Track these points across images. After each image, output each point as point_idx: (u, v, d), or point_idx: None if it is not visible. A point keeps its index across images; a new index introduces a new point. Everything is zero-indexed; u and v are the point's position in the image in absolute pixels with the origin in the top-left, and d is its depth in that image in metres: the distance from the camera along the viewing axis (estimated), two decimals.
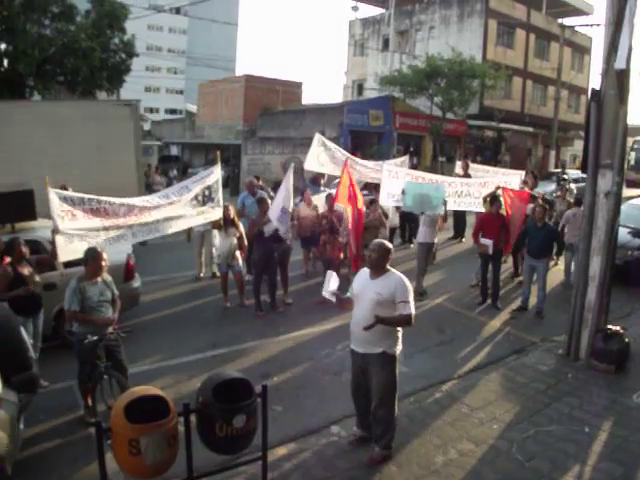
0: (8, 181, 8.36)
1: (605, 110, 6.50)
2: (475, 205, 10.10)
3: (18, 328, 4.75)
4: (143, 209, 7.29)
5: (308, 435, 5.23)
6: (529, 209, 9.76)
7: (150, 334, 7.72)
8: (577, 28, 33.62)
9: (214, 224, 8.73)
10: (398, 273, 4.64)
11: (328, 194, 9.93)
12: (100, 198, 6.93)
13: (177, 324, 8.27)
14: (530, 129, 34.69)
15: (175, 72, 77.61)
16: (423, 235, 9.69)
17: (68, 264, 6.37)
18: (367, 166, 12.31)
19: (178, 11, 36.74)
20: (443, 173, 17.89)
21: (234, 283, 9.05)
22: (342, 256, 9.63)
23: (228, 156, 27.35)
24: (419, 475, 4.58)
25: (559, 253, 9.86)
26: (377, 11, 39.92)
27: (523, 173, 12.77)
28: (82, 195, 6.81)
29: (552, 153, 31.60)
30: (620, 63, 5.99)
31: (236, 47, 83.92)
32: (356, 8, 39.17)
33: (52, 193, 6.33)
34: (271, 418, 4.21)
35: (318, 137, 11.63)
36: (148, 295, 8.91)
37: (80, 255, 5.66)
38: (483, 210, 9.72)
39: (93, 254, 5.46)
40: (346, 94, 40.04)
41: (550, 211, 10.59)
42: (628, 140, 7.88)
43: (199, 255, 10.77)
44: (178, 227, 7.93)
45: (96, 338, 5.16)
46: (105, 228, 6.79)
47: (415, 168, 16.43)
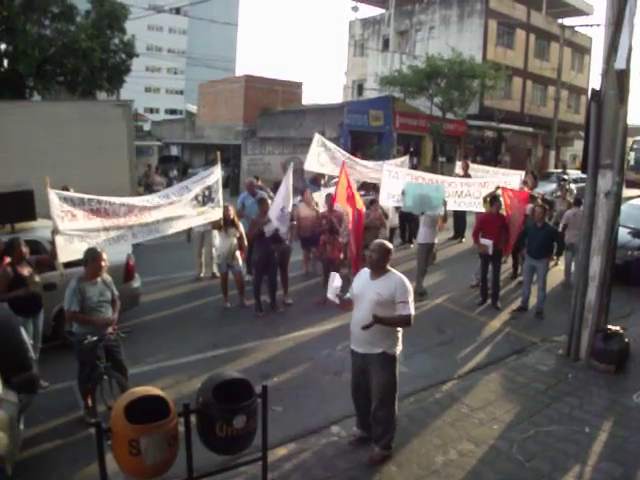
0: (4, 182, 8.35)
1: (605, 110, 6.50)
2: (475, 205, 10.10)
3: (18, 328, 4.74)
4: (143, 209, 7.29)
5: (308, 435, 5.23)
6: (528, 209, 9.76)
7: (150, 334, 7.72)
8: (577, 28, 33.68)
9: (214, 224, 8.74)
10: (398, 273, 4.64)
11: (328, 194, 9.93)
12: (100, 198, 6.92)
13: (177, 324, 8.27)
14: (530, 129, 34.72)
15: (175, 72, 77.63)
16: (423, 235, 9.69)
17: (68, 264, 6.37)
18: (367, 166, 12.33)
19: (178, 11, 36.65)
20: (443, 173, 17.89)
21: (234, 283, 9.06)
22: (342, 256, 9.63)
23: (228, 156, 27.34)
24: (419, 475, 4.58)
25: (559, 253, 9.86)
26: (377, 11, 40.01)
27: (523, 173, 12.77)
28: (82, 195, 6.81)
29: (552, 153, 31.67)
30: (620, 63, 5.99)
31: (236, 47, 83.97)
32: (356, 8, 39.21)
33: (52, 194, 6.32)
34: (271, 418, 4.21)
35: (318, 137, 11.64)
36: (148, 295, 8.90)
37: (80, 256, 5.65)
38: (483, 210, 9.73)
39: (93, 254, 5.46)
40: (346, 94, 40.06)
41: (550, 211, 10.59)
42: (628, 140, 7.88)
43: (199, 255, 10.77)
44: (178, 227, 7.94)
45: (96, 338, 5.16)
46: (105, 228, 6.79)
47: (415, 168, 16.44)
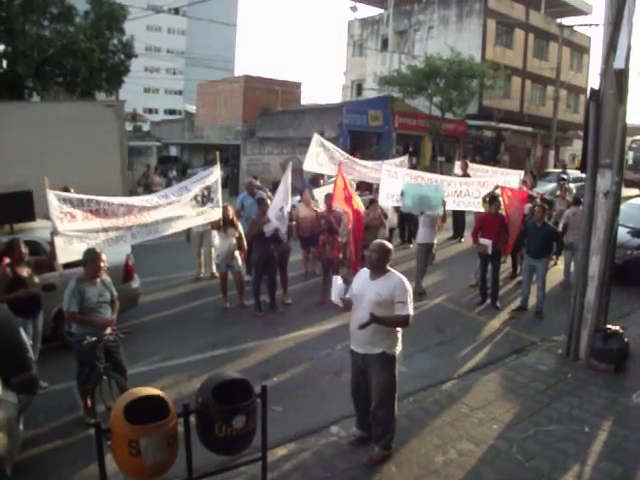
0: (1, 182, 8.33)
1: (604, 110, 6.50)
2: (474, 205, 10.11)
3: (17, 329, 4.74)
4: (142, 209, 7.29)
5: (308, 435, 5.23)
6: (527, 209, 9.76)
7: (149, 335, 7.71)
8: (576, 28, 33.76)
9: (213, 224, 8.74)
10: (398, 274, 4.63)
11: (327, 194, 9.92)
12: (99, 199, 6.92)
13: (176, 325, 8.26)
14: (529, 129, 34.74)
15: (174, 73, 77.64)
16: (423, 236, 9.68)
17: (67, 265, 6.37)
18: (366, 166, 12.33)
19: (177, 12, 36.66)
20: (442, 173, 17.87)
21: (234, 284, 9.05)
22: (341, 256, 9.62)
23: (227, 156, 27.33)
24: (419, 475, 4.58)
25: (558, 253, 9.87)
26: (376, 11, 40.03)
27: (522, 173, 12.78)
28: (81, 196, 6.81)
29: (551, 153, 31.67)
30: (619, 63, 5.99)
31: (235, 47, 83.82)
32: (355, 8, 39.21)
33: (51, 194, 6.32)
34: (271, 418, 4.21)
35: (316, 138, 11.64)
36: (147, 296, 8.90)
37: (79, 256, 5.65)
38: (482, 210, 9.73)
39: (92, 255, 5.46)
40: (345, 94, 40.08)
41: (549, 211, 10.59)
42: (626, 140, 7.88)
43: (198, 255, 10.77)
44: (177, 228, 7.93)
45: (95, 339, 5.16)
46: (104, 229, 6.79)
47: (414, 168, 16.43)
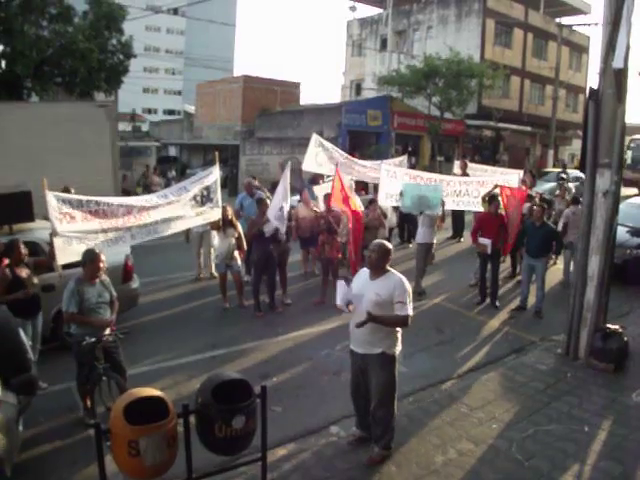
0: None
1: (603, 109, 6.51)
2: (474, 204, 10.11)
3: (17, 330, 4.74)
4: (142, 209, 7.30)
5: (307, 435, 5.23)
6: (525, 208, 9.76)
7: (149, 335, 7.71)
8: (575, 27, 33.82)
9: (213, 225, 8.75)
10: (398, 274, 4.62)
11: (326, 194, 9.93)
12: (99, 200, 6.93)
13: (176, 325, 8.26)
14: (528, 128, 34.75)
15: (173, 73, 77.62)
16: (422, 235, 9.68)
17: (66, 266, 6.37)
18: (365, 166, 12.33)
19: (176, 12, 36.56)
20: (441, 172, 17.84)
21: (233, 284, 9.05)
22: (340, 256, 9.61)
23: (226, 157, 27.32)
24: (418, 475, 4.57)
25: (558, 252, 9.87)
26: (375, 11, 40.01)
27: (521, 172, 12.78)
28: (80, 197, 6.81)
29: (550, 152, 31.67)
30: (618, 62, 5.98)
31: (234, 48, 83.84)
32: (354, 8, 39.18)
33: (50, 195, 6.32)
34: (270, 419, 4.20)
35: (315, 138, 11.63)
36: (147, 296, 8.90)
37: (79, 257, 5.64)
38: (482, 209, 9.72)
39: (91, 256, 5.45)
40: (344, 94, 40.06)
41: (549, 210, 10.59)
42: (625, 139, 7.88)
43: (198, 256, 10.77)
44: (177, 228, 7.93)
45: (94, 340, 5.16)
46: (103, 230, 6.79)
47: (413, 168, 16.43)
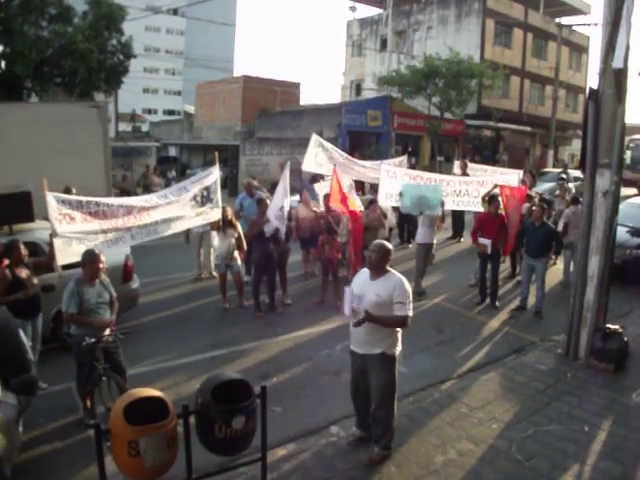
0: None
1: (603, 109, 6.50)
2: (473, 205, 10.09)
3: (17, 330, 4.73)
4: (142, 210, 7.30)
5: (307, 436, 5.22)
6: (525, 209, 9.75)
7: (149, 335, 7.71)
8: (575, 27, 33.83)
9: (213, 225, 8.75)
10: (398, 274, 4.62)
11: (325, 194, 9.92)
12: (99, 200, 6.95)
13: (176, 325, 8.25)
14: (528, 128, 34.75)
15: (173, 73, 77.60)
16: (422, 236, 9.68)
17: (66, 266, 6.37)
18: (365, 166, 12.32)
19: (176, 12, 36.62)
20: (441, 173, 17.86)
21: (233, 284, 9.04)
22: (340, 256, 9.60)
23: (226, 157, 27.31)
24: (418, 475, 4.57)
25: (558, 252, 9.87)
26: (375, 11, 40.00)
27: (521, 172, 12.78)
28: (80, 198, 6.83)
29: (550, 152, 31.67)
30: (618, 62, 5.98)
31: (234, 48, 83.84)
32: (354, 8, 39.12)
33: (50, 196, 6.34)
34: (270, 419, 4.20)
35: (315, 138, 11.62)
36: (147, 296, 8.89)
37: (78, 258, 5.64)
38: (482, 210, 9.72)
39: (91, 256, 5.45)
40: (344, 94, 40.05)
41: (549, 210, 10.58)
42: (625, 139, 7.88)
43: (198, 256, 10.77)
44: (177, 228, 7.94)
45: (94, 340, 5.15)
46: (103, 231, 6.79)
47: (413, 168, 16.43)
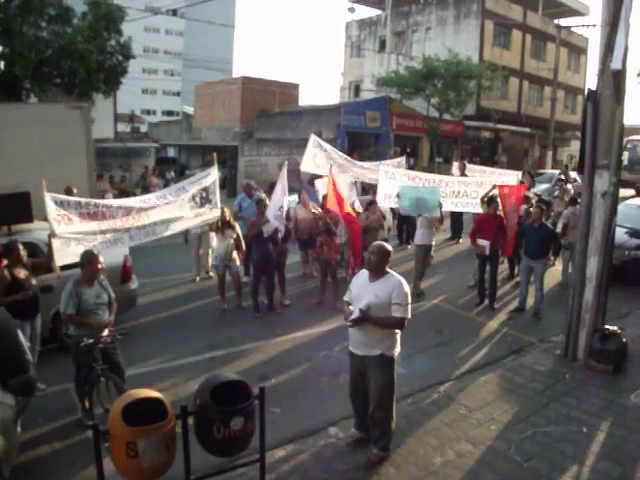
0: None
1: (602, 110, 6.51)
2: (472, 206, 10.08)
3: (15, 331, 4.72)
4: (140, 210, 7.31)
5: (306, 437, 5.22)
6: (522, 210, 9.75)
7: (147, 336, 7.70)
8: (573, 29, 33.89)
9: (211, 226, 8.75)
10: (397, 276, 4.61)
11: (324, 195, 9.93)
12: (98, 201, 6.96)
13: (174, 326, 8.25)
14: (527, 130, 34.80)
15: (172, 74, 77.63)
16: (421, 237, 9.69)
17: (65, 267, 6.37)
18: (364, 167, 12.32)
19: (175, 13, 36.57)
20: (440, 174, 17.87)
21: (231, 285, 9.04)
22: (338, 257, 9.59)
23: (225, 158, 27.31)
24: (417, 476, 4.57)
25: (556, 254, 9.87)
26: (374, 12, 40.04)
27: (520, 173, 12.77)
28: (79, 199, 6.85)
29: (549, 153, 31.70)
30: (616, 64, 5.98)
31: (233, 49, 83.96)
32: (353, 9, 39.23)
33: (48, 197, 6.34)
34: (269, 420, 4.19)
35: (314, 138, 11.61)
36: (145, 297, 8.89)
37: (77, 259, 5.63)
38: (480, 211, 9.71)
39: (89, 257, 5.44)
40: (343, 95, 40.06)
41: (547, 211, 10.59)
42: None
43: (196, 257, 10.77)
44: (175, 229, 7.93)
45: (92, 341, 5.15)
46: (102, 231, 6.79)
47: (412, 169, 16.39)
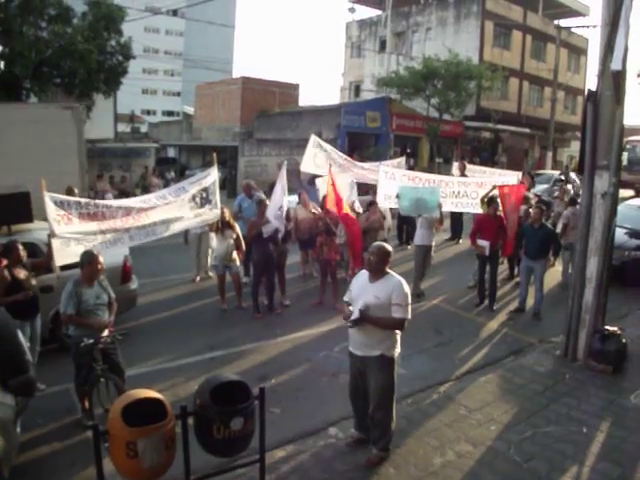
0: None
1: (602, 111, 6.51)
2: (472, 206, 10.07)
3: (15, 331, 4.72)
4: (140, 210, 7.31)
5: (306, 437, 5.22)
6: (522, 211, 9.75)
7: (147, 336, 7.70)
8: (573, 29, 33.91)
9: (211, 226, 8.75)
10: (397, 276, 4.61)
11: (325, 195, 9.93)
12: (97, 202, 6.96)
13: (174, 326, 8.25)
14: (527, 130, 34.80)
15: (172, 74, 77.61)
16: (420, 237, 9.69)
17: (64, 267, 6.37)
18: (364, 167, 12.32)
19: (175, 13, 36.61)
20: (440, 174, 17.86)
21: (231, 285, 9.04)
22: (338, 258, 9.59)
23: (225, 158, 27.31)
24: (417, 477, 4.57)
25: (556, 254, 9.87)
26: (374, 13, 40.03)
27: (520, 174, 12.77)
28: (78, 199, 6.85)
29: (549, 154, 31.70)
30: (616, 64, 5.98)
31: (233, 49, 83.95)
32: (353, 10, 39.25)
33: (47, 197, 6.34)
34: (269, 420, 4.19)
35: (314, 139, 11.60)
36: (145, 297, 8.88)
37: (77, 259, 5.64)
38: (481, 211, 9.71)
39: (89, 258, 5.45)
40: (343, 96, 40.07)
41: (547, 212, 10.58)
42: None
43: (196, 257, 10.77)
44: (175, 229, 7.94)
45: (92, 341, 5.15)
46: (102, 231, 6.79)
47: (412, 169, 16.40)
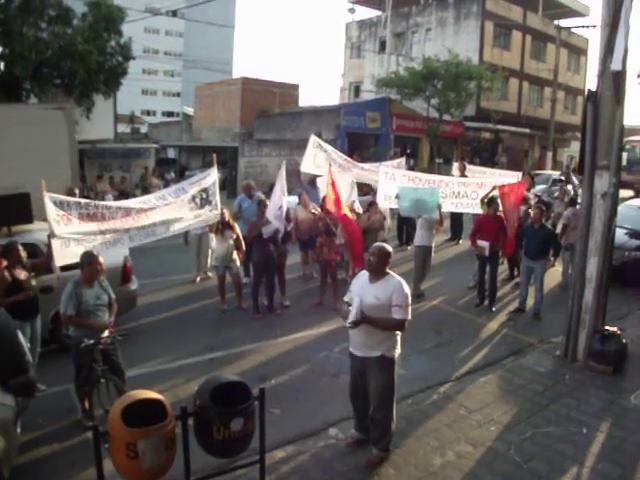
0: None
1: (602, 111, 6.51)
2: (472, 207, 10.06)
3: (15, 332, 4.73)
4: (140, 211, 7.31)
5: (306, 438, 5.22)
6: (521, 211, 9.74)
7: (147, 337, 7.71)
8: (573, 29, 33.87)
9: (210, 227, 8.76)
10: (397, 277, 4.61)
11: (324, 196, 9.93)
12: (97, 203, 6.96)
13: (174, 327, 8.25)
14: (527, 130, 34.81)
15: (172, 75, 77.67)
16: (420, 238, 9.68)
17: (64, 267, 6.37)
18: (364, 168, 12.32)
19: (175, 14, 36.63)
20: (440, 175, 17.87)
21: (231, 286, 9.04)
22: (338, 258, 9.59)
23: (225, 158, 27.31)
24: (417, 477, 4.57)
25: (556, 254, 9.88)
26: (374, 13, 40.04)
27: (520, 174, 12.78)
28: (78, 200, 6.85)
29: (549, 154, 31.72)
30: (616, 64, 5.99)
31: (233, 49, 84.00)
32: (353, 10, 39.29)
33: (47, 198, 6.35)
34: (269, 421, 4.19)
35: (314, 139, 11.59)
36: (145, 298, 8.88)
37: (77, 259, 5.64)
38: (481, 212, 9.71)
39: (89, 258, 5.45)
40: (343, 96, 40.09)
41: (547, 212, 10.58)
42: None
43: (196, 258, 10.77)
44: (175, 230, 7.94)
45: (92, 342, 5.15)
46: (102, 232, 6.80)
47: (412, 170, 16.41)
